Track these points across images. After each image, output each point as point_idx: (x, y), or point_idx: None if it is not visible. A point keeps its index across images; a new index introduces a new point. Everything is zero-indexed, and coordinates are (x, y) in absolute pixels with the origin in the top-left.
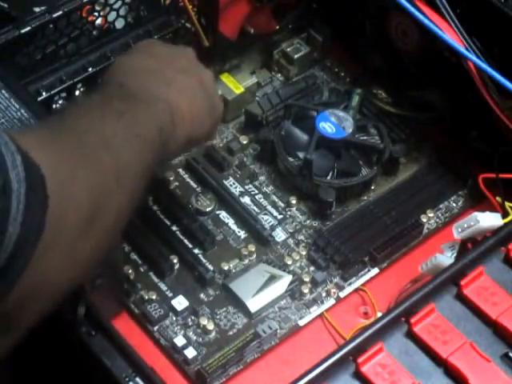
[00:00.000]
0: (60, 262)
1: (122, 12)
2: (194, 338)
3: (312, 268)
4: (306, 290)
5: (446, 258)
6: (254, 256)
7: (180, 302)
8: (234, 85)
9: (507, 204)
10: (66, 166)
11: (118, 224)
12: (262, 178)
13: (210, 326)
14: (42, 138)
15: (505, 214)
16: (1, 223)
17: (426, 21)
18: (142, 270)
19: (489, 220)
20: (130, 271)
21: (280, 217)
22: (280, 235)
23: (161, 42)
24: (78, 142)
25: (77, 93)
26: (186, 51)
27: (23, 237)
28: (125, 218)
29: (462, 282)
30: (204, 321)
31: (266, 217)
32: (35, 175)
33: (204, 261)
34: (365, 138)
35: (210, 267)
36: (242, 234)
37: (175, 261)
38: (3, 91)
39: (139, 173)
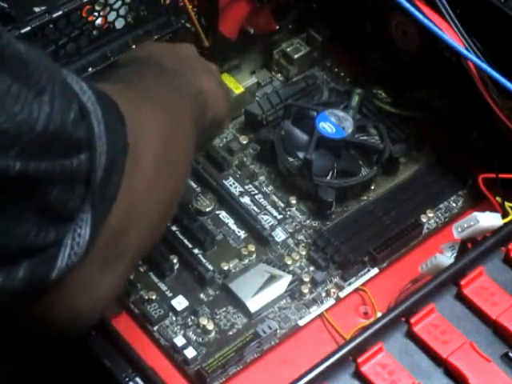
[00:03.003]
0: (147, 184)
1: (122, 12)
2: (194, 338)
3: (312, 268)
4: (305, 290)
5: (446, 258)
6: (254, 256)
7: (180, 302)
8: (234, 85)
9: (507, 204)
10: (128, 98)
11: (185, 168)
12: (261, 178)
13: (210, 326)
14: (98, 83)
15: (505, 214)
16: (89, 141)
17: (425, 21)
18: (141, 270)
19: (489, 220)
20: None
21: (280, 217)
22: (280, 235)
23: (157, 42)
24: (133, 87)
25: None
26: (186, 45)
27: (112, 153)
28: (187, 169)
29: (462, 282)
30: (204, 321)
31: (265, 217)
32: (105, 98)
33: (204, 261)
34: (365, 138)
35: (210, 267)
36: (242, 234)
37: (175, 261)
38: None
39: (189, 126)
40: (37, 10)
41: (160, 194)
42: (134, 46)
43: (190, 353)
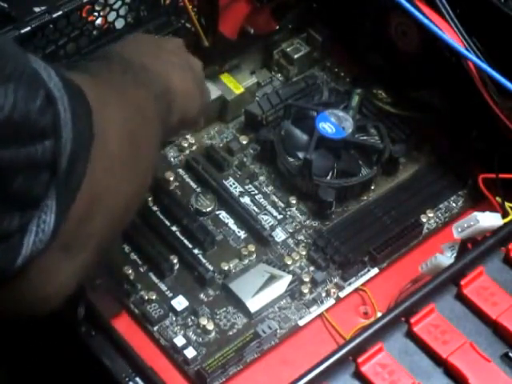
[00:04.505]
0: (112, 174)
1: (121, 12)
2: (194, 338)
3: (312, 268)
4: (305, 290)
5: (446, 258)
6: (254, 256)
7: (180, 302)
8: (234, 85)
9: (507, 204)
10: (95, 88)
11: (149, 162)
12: (261, 178)
13: (210, 326)
14: (65, 68)
15: (505, 214)
16: (54, 129)
17: (425, 21)
18: (141, 270)
19: (489, 220)
20: (130, 271)
21: (280, 217)
22: (280, 235)
23: (148, 34)
24: (100, 78)
25: None
26: (174, 39)
27: (77, 141)
28: (153, 161)
29: (462, 282)
30: (204, 321)
31: (265, 217)
32: (73, 85)
33: (204, 261)
34: (365, 137)
35: (210, 267)
36: (242, 234)
37: (175, 261)
38: None
39: (153, 120)
40: (37, 9)
41: (124, 185)
42: None
43: (189, 353)
